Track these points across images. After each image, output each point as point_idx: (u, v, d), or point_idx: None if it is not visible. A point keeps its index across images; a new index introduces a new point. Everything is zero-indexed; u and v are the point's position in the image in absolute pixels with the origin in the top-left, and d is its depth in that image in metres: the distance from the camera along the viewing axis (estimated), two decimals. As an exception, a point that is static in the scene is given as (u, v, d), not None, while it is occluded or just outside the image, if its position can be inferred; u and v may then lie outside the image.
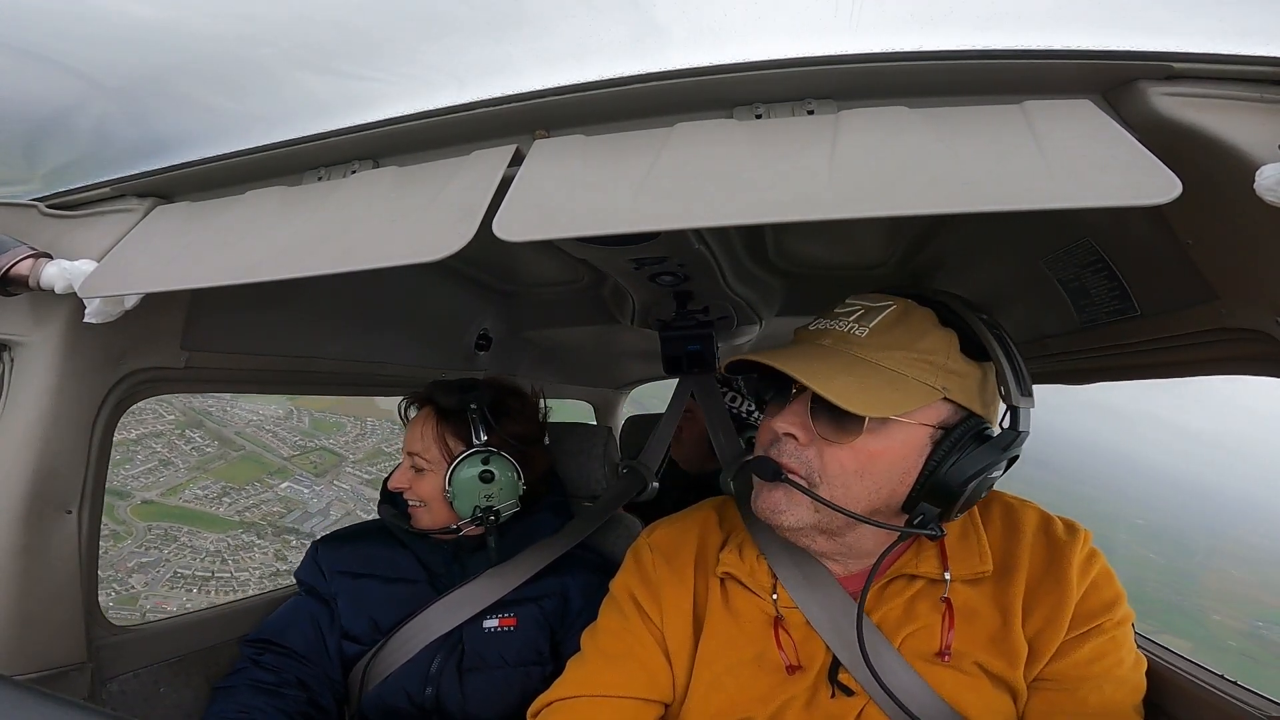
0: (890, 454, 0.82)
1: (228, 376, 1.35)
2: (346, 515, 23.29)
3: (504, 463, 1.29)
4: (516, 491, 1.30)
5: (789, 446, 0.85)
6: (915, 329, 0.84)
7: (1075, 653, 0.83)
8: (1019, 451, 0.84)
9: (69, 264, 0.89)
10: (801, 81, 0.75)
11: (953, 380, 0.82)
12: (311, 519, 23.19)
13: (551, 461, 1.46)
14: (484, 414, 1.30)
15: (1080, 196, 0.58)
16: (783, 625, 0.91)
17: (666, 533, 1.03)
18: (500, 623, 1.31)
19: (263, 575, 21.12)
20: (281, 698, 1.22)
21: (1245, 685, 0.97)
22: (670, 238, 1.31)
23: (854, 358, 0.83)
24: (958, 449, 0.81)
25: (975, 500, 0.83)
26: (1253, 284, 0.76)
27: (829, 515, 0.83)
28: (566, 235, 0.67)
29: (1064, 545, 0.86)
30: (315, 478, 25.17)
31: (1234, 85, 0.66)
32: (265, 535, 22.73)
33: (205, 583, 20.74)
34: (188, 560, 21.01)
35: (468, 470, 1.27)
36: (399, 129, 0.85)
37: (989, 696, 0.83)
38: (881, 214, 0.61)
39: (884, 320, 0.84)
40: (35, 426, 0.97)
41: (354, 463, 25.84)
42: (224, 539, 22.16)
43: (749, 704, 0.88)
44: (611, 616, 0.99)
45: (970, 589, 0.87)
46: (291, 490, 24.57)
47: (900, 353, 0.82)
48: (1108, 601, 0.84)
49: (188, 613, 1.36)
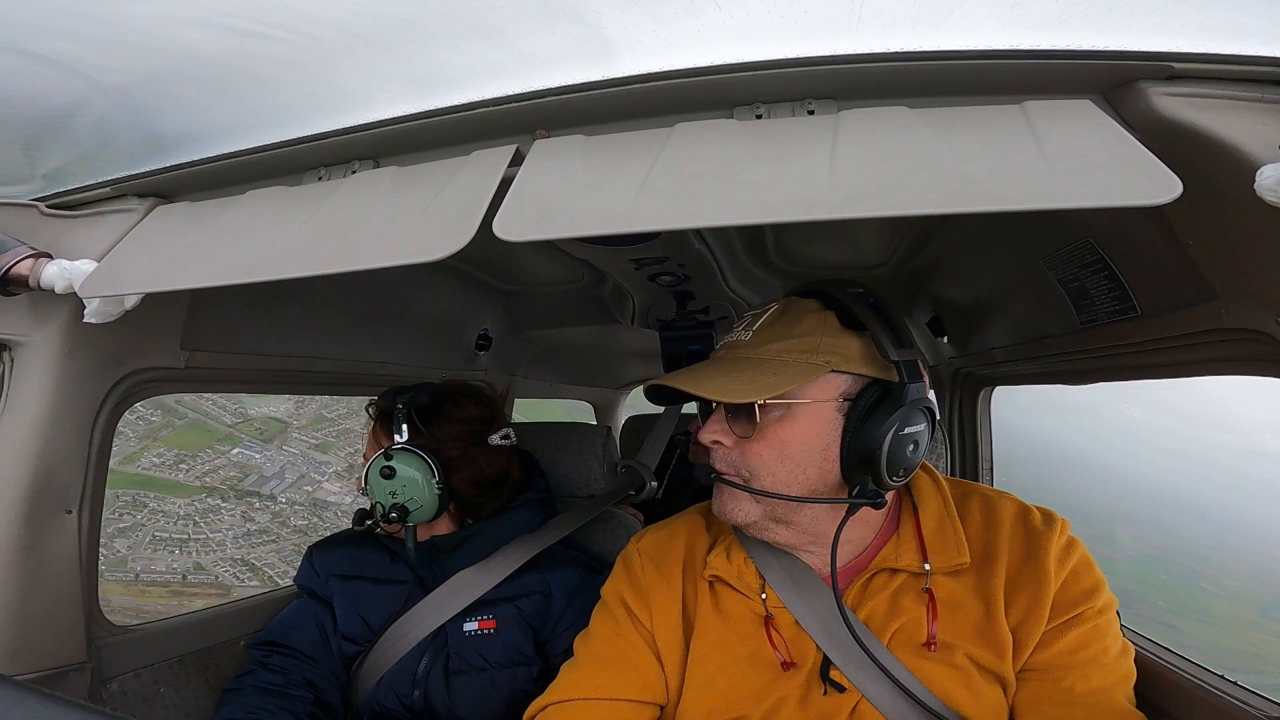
0: (802, 434, 0.86)
1: (228, 376, 1.35)
2: (301, 478, 24.17)
3: (412, 460, 1.28)
4: (428, 490, 1.28)
5: (719, 453, 0.91)
6: (792, 319, 0.90)
7: (1058, 642, 0.83)
8: (928, 403, 0.87)
9: (69, 264, 0.89)
10: (801, 81, 0.75)
11: (835, 354, 0.86)
12: (269, 482, 23.98)
13: (511, 461, 1.43)
14: (409, 415, 1.31)
15: (1080, 196, 0.59)
16: (773, 624, 0.92)
17: (655, 538, 1.05)
18: (480, 625, 1.31)
19: (236, 535, 21.74)
20: (289, 699, 1.23)
21: (1245, 685, 0.97)
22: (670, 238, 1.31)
23: (739, 359, 0.90)
24: (864, 413, 0.85)
25: (907, 462, 0.85)
26: (1253, 284, 0.76)
27: (771, 504, 0.88)
28: (566, 235, 0.67)
29: (1041, 535, 0.87)
30: (264, 444, 25.67)
31: (1234, 85, 0.66)
32: (229, 499, 23.33)
33: (185, 544, 21.30)
34: (162, 524, 21.49)
35: (374, 467, 1.28)
36: (399, 129, 0.85)
37: (979, 689, 0.84)
38: (881, 214, 0.61)
39: (765, 320, 0.92)
40: (35, 426, 0.97)
41: (299, 429, 26.22)
42: (191, 504, 22.78)
43: (742, 702, 0.89)
44: (603, 621, 1.01)
45: (952, 580, 0.88)
46: (243, 456, 25.13)
47: (780, 343, 0.88)
48: (1088, 590, 0.85)
49: (188, 613, 1.36)
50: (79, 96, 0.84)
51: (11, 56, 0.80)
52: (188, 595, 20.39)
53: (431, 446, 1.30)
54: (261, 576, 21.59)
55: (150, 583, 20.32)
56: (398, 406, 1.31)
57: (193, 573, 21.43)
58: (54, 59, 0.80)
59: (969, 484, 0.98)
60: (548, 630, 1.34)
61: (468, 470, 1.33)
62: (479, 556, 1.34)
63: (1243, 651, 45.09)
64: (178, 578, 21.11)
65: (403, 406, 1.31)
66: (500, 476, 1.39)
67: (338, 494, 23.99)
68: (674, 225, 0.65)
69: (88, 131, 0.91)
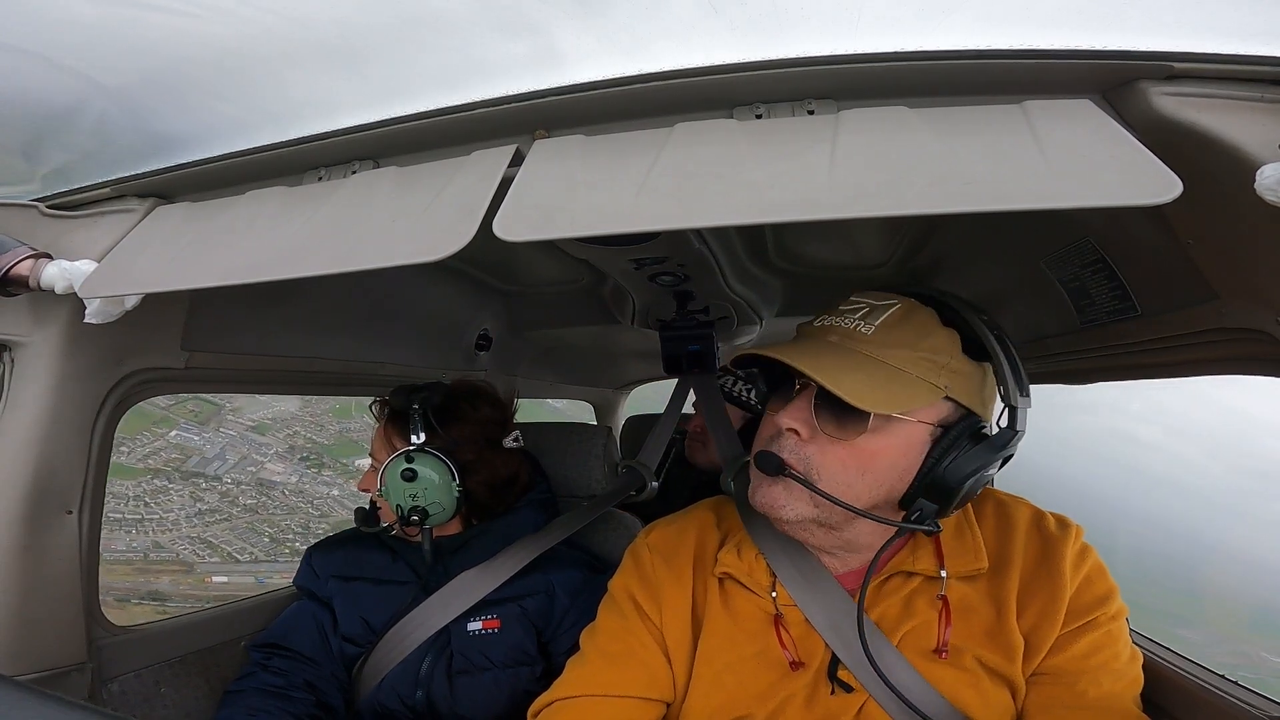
0: (891, 451, 0.82)
1: (228, 377, 1.35)
2: (243, 459, 24.70)
3: (433, 463, 1.27)
4: (448, 493, 1.27)
5: (789, 442, 0.84)
6: (920, 328, 0.84)
7: (1072, 647, 0.83)
8: (1015, 450, 0.85)
9: (69, 264, 0.89)
10: (801, 81, 0.75)
11: (955, 379, 0.83)
12: (211, 463, 24.59)
13: (521, 463, 1.44)
14: (426, 415, 1.29)
15: (1080, 196, 0.59)
16: (782, 622, 0.91)
17: (664, 533, 1.04)
18: (484, 625, 1.31)
19: (189, 515, 22.36)
20: (290, 700, 1.23)
21: (1245, 685, 0.97)
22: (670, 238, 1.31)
23: (861, 355, 0.83)
24: (956, 447, 0.82)
25: (971, 497, 0.84)
26: (1253, 284, 0.76)
27: (828, 509, 0.84)
28: (566, 235, 0.67)
29: (1056, 540, 0.87)
30: (200, 425, 25.91)
31: (1234, 85, 0.66)
32: (174, 480, 23.93)
33: (140, 524, 22.03)
34: (116, 505, 22.00)
35: (393, 469, 1.27)
36: (399, 129, 0.85)
37: (987, 692, 0.84)
38: (881, 214, 0.61)
39: (889, 318, 0.85)
40: (36, 427, 0.97)
41: (232, 410, 26.56)
42: (139, 485, 23.31)
43: (749, 701, 0.88)
44: (611, 617, 1.00)
45: (966, 585, 0.88)
46: (181, 438, 25.74)
47: (905, 351, 0.82)
48: (1101, 596, 0.84)
49: (188, 613, 1.36)
50: (79, 96, 0.84)
51: (11, 56, 0.80)
52: (152, 572, 20.65)
53: (449, 448, 1.29)
54: (221, 553, 21.92)
55: (114, 561, 20.62)
56: (414, 407, 1.30)
57: (153, 550, 21.77)
58: (54, 59, 0.80)
59: (984, 489, 0.97)
60: (551, 630, 1.34)
61: (484, 473, 1.33)
62: (483, 557, 1.34)
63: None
64: (139, 555, 21.48)
65: (419, 407, 1.30)
66: (512, 478, 1.39)
67: (282, 474, 24.23)
68: (674, 225, 0.64)
69: (88, 132, 0.91)
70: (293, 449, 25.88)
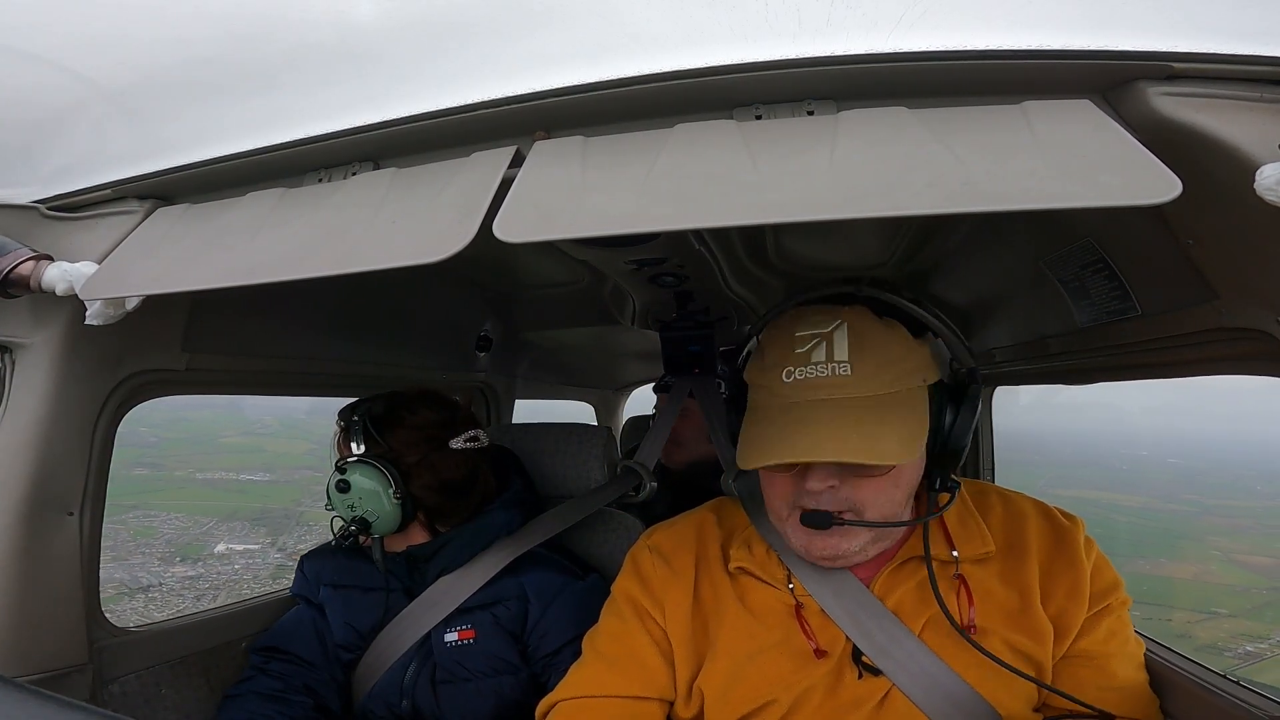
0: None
1: (229, 379, 1.35)
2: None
3: (366, 470, 1.25)
4: (384, 500, 1.25)
5: (829, 495, 0.84)
6: (880, 341, 0.84)
7: (1096, 629, 0.88)
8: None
9: (70, 266, 0.89)
10: (801, 82, 0.75)
11: (923, 367, 0.87)
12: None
13: (479, 464, 1.39)
14: (365, 425, 1.29)
15: (1080, 196, 0.59)
16: (804, 612, 0.93)
17: (666, 535, 1.06)
18: (460, 636, 1.29)
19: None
20: (288, 704, 1.23)
21: (1246, 685, 0.97)
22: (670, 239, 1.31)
23: (857, 402, 0.82)
24: (940, 413, 0.87)
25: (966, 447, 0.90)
26: (1253, 284, 0.76)
27: (885, 531, 0.87)
28: (566, 236, 0.67)
29: (1068, 529, 0.92)
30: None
31: (1234, 85, 0.66)
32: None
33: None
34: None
35: (330, 483, 1.26)
36: (399, 130, 0.85)
37: (1012, 677, 0.85)
38: (881, 214, 0.61)
39: (851, 346, 0.83)
40: (36, 428, 0.97)
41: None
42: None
43: (772, 688, 0.89)
44: (611, 619, 1.02)
45: (978, 568, 0.91)
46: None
47: (885, 373, 0.83)
48: (1111, 582, 0.89)
49: (189, 614, 1.37)
50: (79, 97, 0.84)
51: (11, 57, 0.80)
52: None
53: (389, 455, 1.27)
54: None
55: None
56: (353, 418, 1.29)
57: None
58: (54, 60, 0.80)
59: (983, 483, 1.02)
60: (527, 635, 1.31)
61: (427, 476, 1.29)
62: (458, 563, 1.32)
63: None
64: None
65: (358, 418, 1.29)
66: (466, 480, 1.35)
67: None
68: (674, 226, 0.64)
69: (88, 133, 0.91)
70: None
